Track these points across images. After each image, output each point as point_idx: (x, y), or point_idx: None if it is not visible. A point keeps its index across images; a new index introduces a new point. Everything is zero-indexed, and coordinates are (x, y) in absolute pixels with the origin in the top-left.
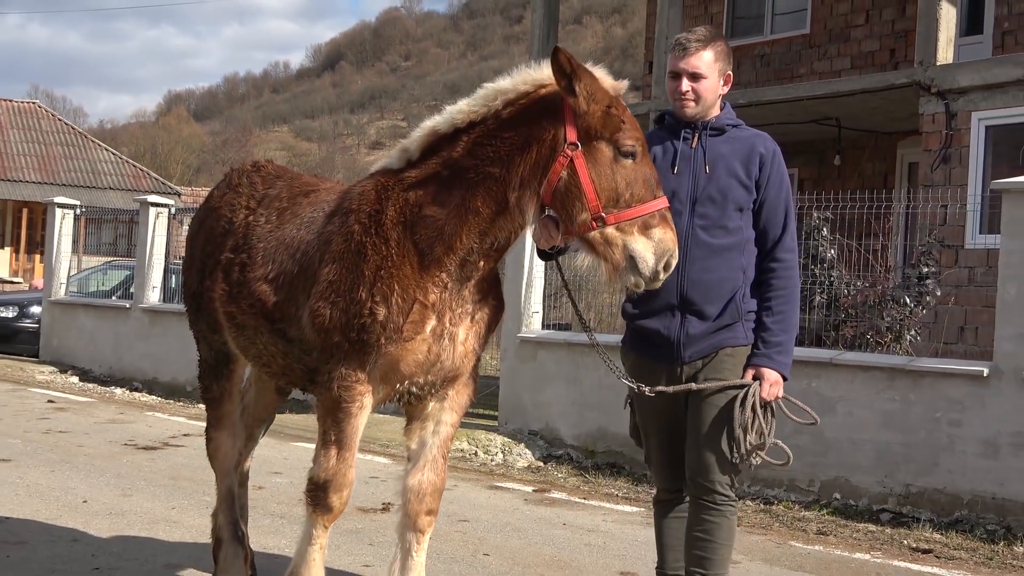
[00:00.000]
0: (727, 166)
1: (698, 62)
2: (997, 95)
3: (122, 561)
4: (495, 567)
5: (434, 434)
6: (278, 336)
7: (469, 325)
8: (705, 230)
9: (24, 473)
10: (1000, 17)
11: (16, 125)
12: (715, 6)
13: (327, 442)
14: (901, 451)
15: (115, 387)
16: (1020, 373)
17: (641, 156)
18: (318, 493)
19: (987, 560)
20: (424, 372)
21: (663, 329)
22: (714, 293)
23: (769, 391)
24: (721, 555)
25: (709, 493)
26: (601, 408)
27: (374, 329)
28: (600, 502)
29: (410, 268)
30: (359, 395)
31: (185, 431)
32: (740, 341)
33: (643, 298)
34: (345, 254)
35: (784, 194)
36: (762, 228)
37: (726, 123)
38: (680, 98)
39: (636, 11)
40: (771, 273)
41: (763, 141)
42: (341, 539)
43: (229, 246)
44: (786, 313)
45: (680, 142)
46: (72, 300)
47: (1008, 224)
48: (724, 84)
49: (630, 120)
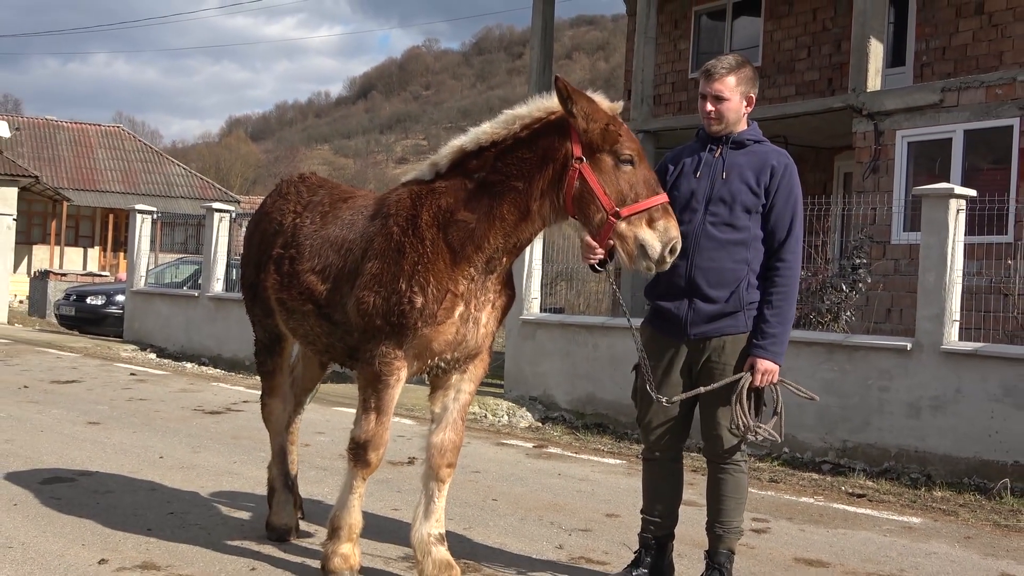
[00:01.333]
0: (740, 174)
1: (721, 86)
2: (917, 116)
3: (192, 507)
4: (502, 510)
5: (455, 400)
6: (324, 319)
7: (490, 311)
8: (714, 226)
9: (110, 434)
10: (919, 51)
11: (104, 145)
12: (683, 43)
13: (368, 408)
14: (839, 412)
15: (186, 362)
16: (938, 347)
17: (639, 162)
18: (359, 451)
19: (911, 503)
20: (452, 350)
21: (674, 309)
22: (717, 279)
23: (762, 379)
24: (729, 506)
25: (718, 457)
26: (589, 378)
27: (412, 315)
28: (589, 456)
29: (443, 263)
30: (396, 369)
31: (244, 398)
32: (740, 328)
33: (660, 282)
34: (386, 251)
35: (792, 203)
36: (770, 230)
37: (747, 138)
38: (706, 117)
39: (617, 48)
40: (775, 271)
41: (778, 156)
42: (373, 487)
43: (279, 244)
44: (784, 308)
45: (706, 152)
46: (150, 290)
47: (927, 223)
48: (747, 105)
49: (626, 133)
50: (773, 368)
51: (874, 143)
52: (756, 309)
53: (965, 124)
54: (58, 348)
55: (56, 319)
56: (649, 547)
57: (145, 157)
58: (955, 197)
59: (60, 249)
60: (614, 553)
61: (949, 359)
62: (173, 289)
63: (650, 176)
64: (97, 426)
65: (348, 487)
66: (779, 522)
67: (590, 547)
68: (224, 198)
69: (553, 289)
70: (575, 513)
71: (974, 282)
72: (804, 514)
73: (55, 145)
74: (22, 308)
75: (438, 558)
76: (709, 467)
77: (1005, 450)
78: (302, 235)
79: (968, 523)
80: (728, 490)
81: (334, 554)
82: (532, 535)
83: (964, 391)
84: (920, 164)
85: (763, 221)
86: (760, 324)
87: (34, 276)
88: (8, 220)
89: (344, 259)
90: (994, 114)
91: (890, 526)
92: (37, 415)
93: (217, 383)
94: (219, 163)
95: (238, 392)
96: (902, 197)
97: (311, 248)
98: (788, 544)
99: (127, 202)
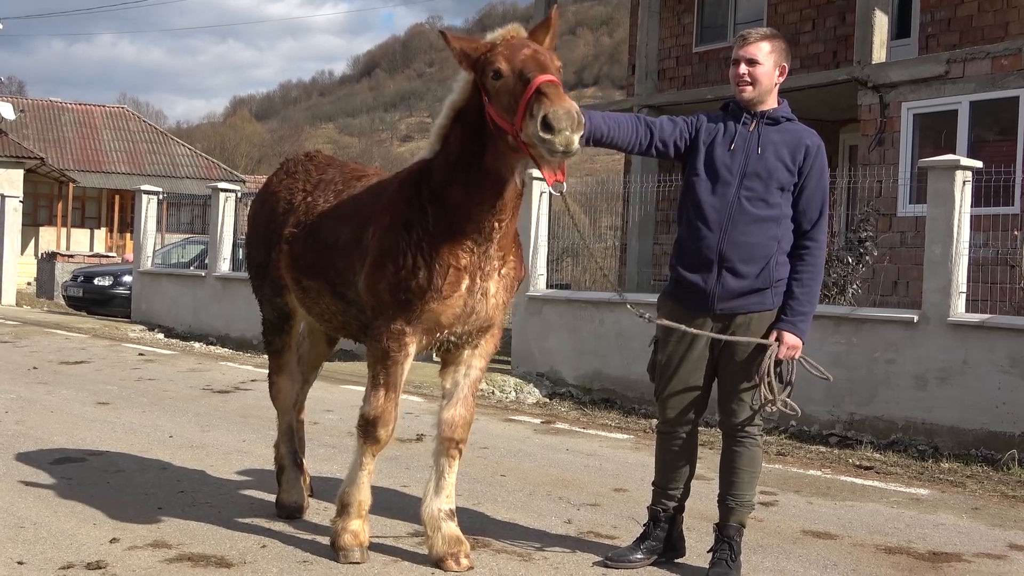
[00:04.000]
0: (776, 151)
1: (756, 51)
2: (922, 88)
3: (202, 485)
4: (511, 485)
5: (465, 376)
6: (338, 298)
7: (498, 280)
8: (749, 201)
9: (120, 414)
10: (924, 23)
11: (108, 126)
12: (687, 17)
13: (376, 385)
14: (846, 385)
15: (194, 342)
16: (944, 319)
17: (508, 67)
18: (368, 427)
19: (919, 475)
20: (462, 323)
21: (701, 282)
22: (748, 255)
23: (786, 352)
24: (743, 479)
25: (734, 431)
26: (596, 353)
27: (418, 290)
28: (596, 431)
29: (443, 238)
30: (405, 345)
31: (252, 377)
32: (767, 306)
33: (687, 253)
34: (393, 228)
35: (823, 184)
36: (801, 210)
37: (781, 116)
38: (738, 81)
39: (621, 23)
40: (805, 251)
41: (810, 136)
42: (382, 464)
43: (291, 223)
44: (812, 288)
45: (740, 125)
46: (157, 270)
47: (933, 195)
48: (780, 75)
49: (503, 47)
50: (798, 344)
51: (879, 116)
52: (781, 287)
53: (971, 95)
54: (66, 329)
55: (64, 300)
56: (659, 520)
57: (150, 138)
58: (961, 169)
59: (67, 231)
60: (623, 527)
61: (956, 331)
62: (180, 269)
63: (527, 67)
64: (106, 406)
65: (357, 464)
66: (787, 495)
67: (598, 521)
68: (229, 178)
69: (559, 265)
70: (583, 488)
71: (981, 254)
72: (812, 487)
73: (60, 127)
74: (30, 290)
75: (448, 533)
76: (724, 440)
77: (1012, 421)
78: (316, 213)
79: (976, 494)
80: (743, 463)
81: (344, 531)
82: (541, 510)
83: (971, 363)
84: (926, 136)
85: (793, 201)
86: (789, 300)
87: (41, 258)
88: (14, 202)
89: (356, 237)
90: (1000, 85)
91: (898, 498)
92: (46, 396)
93: (225, 362)
94: (224, 143)
95: (246, 371)
96: (908, 169)
97: (325, 226)
98: (796, 517)
99: (133, 183)
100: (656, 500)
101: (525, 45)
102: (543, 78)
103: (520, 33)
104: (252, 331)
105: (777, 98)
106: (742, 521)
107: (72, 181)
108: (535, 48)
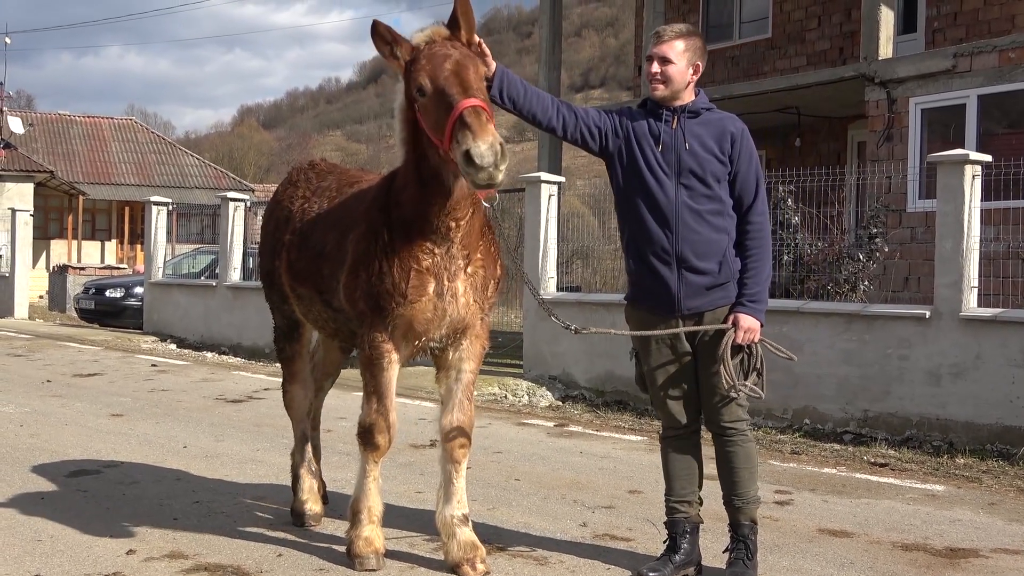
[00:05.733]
0: (702, 143)
1: (668, 50)
2: (930, 83)
3: (217, 495)
4: (525, 489)
5: (457, 381)
6: (325, 305)
7: (464, 279)
8: (692, 198)
9: (134, 425)
10: (931, 18)
11: (117, 138)
12: (692, 17)
13: (368, 393)
14: (859, 382)
15: (206, 352)
16: (956, 314)
17: (431, 85)
18: (365, 435)
19: (934, 471)
20: (437, 327)
21: (663, 284)
22: (703, 250)
23: (744, 336)
24: (743, 477)
25: (722, 429)
26: (608, 355)
27: (386, 296)
28: (610, 433)
29: (404, 241)
30: (386, 352)
31: (265, 386)
32: (732, 299)
33: (644, 257)
34: (365, 234)
35: (754, 166)
36: (737, 196)
37: (700, 107)
38: (651, 79)
39: (626, 24)
40: (746, 235)
41: (732, 122)
42: (397, 471)
43: (289, 230)
44: (759, 268)
45: (662, 123)
46: (168, 281)
47: (942, 190)
48: (693, 73)
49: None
50: (755, 325)
51: (887, 111)
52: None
53: (979, 89)
54: (79, 342)
55: (76, 313)
56: (683, 529)
57: (159, 149)
58: (970, 163)
59: (77, 243)
60: (638, 529)
61: (968, 326)
62: (191, 279)
63: (445, 94)
64: (120, 418)
65: (363, 472)
66: (802, 493)
67: (614, 524)
68: (238, 187)
69: (569, 268)
70: (598, 490)
71: (992, 248)
72: (827, 485)
73: (69, 140)
74: (42, 303)
75: (463, 539)
76: (716, 441)
77: None
78: (309, 220)
79: (992, 489)
80: (739, 461)
81: (358, 538)
82: (556, 513)
83: (984, 357)
84: (934, 131)
85: (729, 187)
86: (740, 283)
87: (53, 271)
88: (25, 216)
89: (338, 244)
90: (1008, 78)
91: (913, 494)
92: (61, 409)
93: (237, 372)
94: (232, 152)
95: (259, 380)
96: (917, 164)
97: (315, 233)
98: (811, 515)
99: (142, 194)
100: (671, 510)
101: (447, 55)
102: (465, 104)
103: (440, 34)
104: (264, 340)
105: (694, 91)
106: (753, 517)
107: (82, 194)
108: (456, 59)
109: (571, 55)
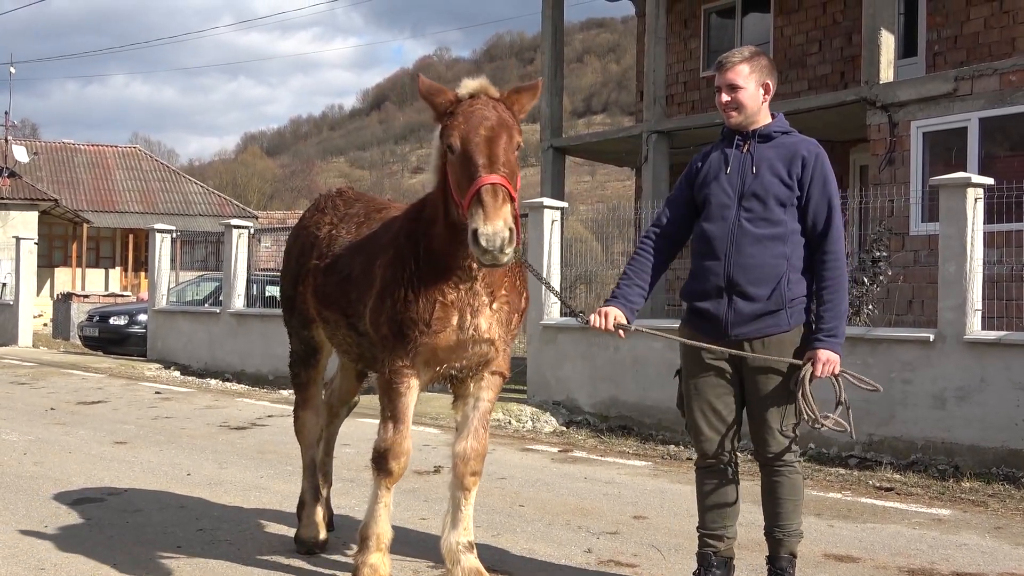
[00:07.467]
0: (771, 167)
1: (735, 76)
2: (931, 106)
3: (221, 523)
4: (529, 516)
5: (474, 409)
6: (351, 329)
7: (490, 315)
8: (750, 222)
9: (137, 453)
10: (931, 41)
11: (121, 166)
12: (693, 42)
13: (385, 418)
14: (863, 406)
15: (210, 379)
16: (960, 337)
17: (460, 148)
18: (380, 460)
19: (940, 495)
20: (458, 357)
21: (713, 308)
22: (756, 276)
23: (822, 369)
24: (787, 509)
25: (769, 461)
26: (612, 380)
27: (411, 324)
28: (614, 458)
29: (431, 274)
30: (406, 378)
31: (269, 413)
32: (783, 327)
33: (696, 282)
34: (393, 261)
35: (828, 191)
36: (810, 223)
37: (774, 131)
38: (723, 108)
39: (628, 49)
40: (822, 265)
41: (807, 145)
42: (400, 497)
43: (315, 255)
44: (836, 301)
45: (733, 148)
46: (172, 308)
47: (945, 213)
48: (765, 93)
49: (462, 114)
50: (835, 358)
51: (889, 135)
52: (798, 306)
53: (980, 112)
54: (83, 369)
55: (80, 340)
56: (711, 564)
57: (163, 176)
58: (972, 186)
59: (81, 271)
60: (643, 555)
61: (972, 349)
62: (195, 307)
63: (473, 160)
64: (124, 445)
65: (374, 497)
66: (807, 518)
67: (619, 550)
68: (242, 214)
69: (572, 292)
70: (602, 516)
71: (995, 270)
72: (832, 509)
73: (73, 168)
74: (46, 331)
75: (468, 566)
76: (762, 471)
77: None
78: (337, 246)
79: (998, 513)
80: (785, 493)
81: (363, 565)
82: (560, 539)
83: (989, 380)
84: (936, 154)
85: (800, 214)
86: (815, 316)
87: (57, 299)
88: (30, 244)
89: (366, 270)
90: (1009, 101)
91: (919, 519)
92: (64, 437)
93: (241, 399)
94: (236, 179)
95: (263, 407)
96: (919, 188)
97: (343, 258)
98: (817, 540)
99: (146, 222)
100: (703, 543)
101: (483, 120)
102: (486, 180)
103: (488, 92)
104: (267, 367)
105: (770, 113)
106: (793, 551)
107: (86, 221)
108: (491, 126)
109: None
